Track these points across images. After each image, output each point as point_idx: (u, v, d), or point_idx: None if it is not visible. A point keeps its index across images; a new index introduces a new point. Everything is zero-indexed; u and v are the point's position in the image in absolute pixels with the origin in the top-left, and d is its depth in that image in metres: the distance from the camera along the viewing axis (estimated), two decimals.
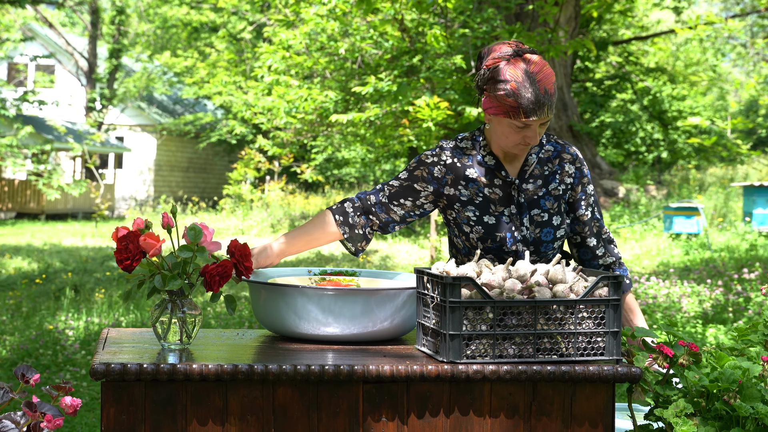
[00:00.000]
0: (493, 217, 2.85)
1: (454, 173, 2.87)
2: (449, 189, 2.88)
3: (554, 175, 2.90)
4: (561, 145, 2.94)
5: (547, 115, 2.73)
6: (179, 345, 2.47)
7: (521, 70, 2.71)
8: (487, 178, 2.87)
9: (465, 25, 16.51)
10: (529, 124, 2.73)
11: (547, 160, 2.90)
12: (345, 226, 2.89)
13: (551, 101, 2.73)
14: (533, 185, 2.87)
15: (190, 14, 31.45)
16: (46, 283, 10.94)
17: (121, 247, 2.40)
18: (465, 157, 2.89)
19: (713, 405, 2.64)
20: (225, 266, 2.44)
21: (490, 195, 2.86)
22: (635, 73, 26.92)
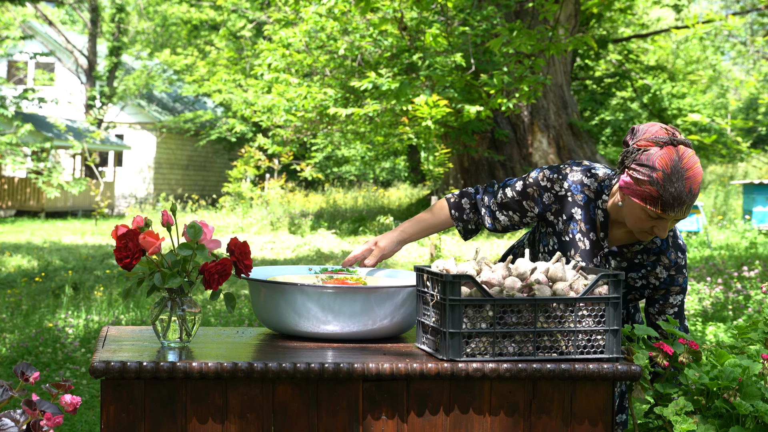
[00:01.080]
0: (565, 258, 2.79)
1: (561, 205, 2.82)
2: (550, 216, 2.84)
3: (642, 268, 2.82)
4: (668, 247, 2.82)
5: (684, 214, 2.62)
6: (179, 343, 2.47)
7: (672, 162, 2.59)
8: (587, 227, 2.80)
9: (465, 23, 16.50)
10: (664, 217, 2.63)
11: (647, 251, 2.81)
12: (459, 222, 2.97)
13: (693, 201, 2.62)
14: (617, 264, 2.81)
15: (190, 12, 31.45)
16: (45, 281, 10.94)
17: (121, 245, 2.40)
18: (580, 195, 2.80)
19: (713, 403, 2.64)
20: (224, 264, 2.44)
21: (578, 242, 2.81)
22: (635, 71, 26.92)
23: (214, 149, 32.96)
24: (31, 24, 31.44)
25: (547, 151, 19.97)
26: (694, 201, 2.63)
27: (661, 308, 2.85)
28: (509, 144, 19.91)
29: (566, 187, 2.80)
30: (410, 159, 29.11)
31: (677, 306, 2.84)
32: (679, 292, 2.84)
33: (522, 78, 12.85)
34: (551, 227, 2.85)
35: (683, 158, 2.59)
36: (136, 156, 31.18)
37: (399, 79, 15.37)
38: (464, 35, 15.77)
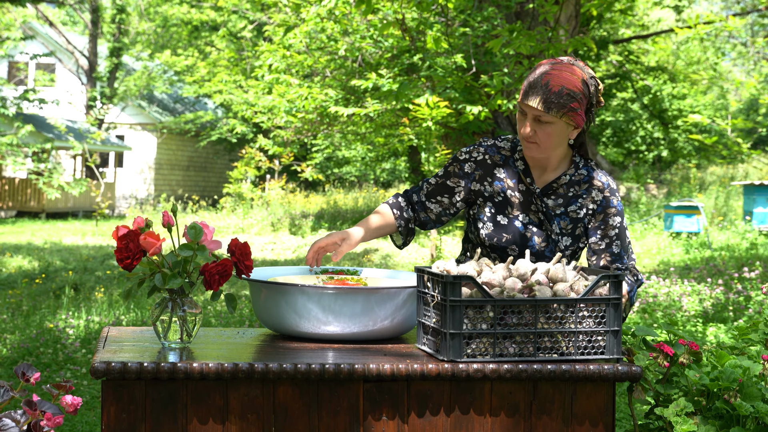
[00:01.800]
0: (507, 218, 2.89)
1: (483, 169, 2.95)
2: (476, 184, 2.95)
3: (578, 198, 2.91)
4: (597, 173, 2.95)
5: (538, 105, 2.76)
6: (179, 344, 2.47)
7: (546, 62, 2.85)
8: (513, 182, 2.92)
9: (465, 24, 16.51)
10: (525, 110, 2.81)
11: (576, 182, 2.92)
12: (401, 220, 2.99)
13: (549, 96, 2.75)
14: (554, 202, 2.91)
15: (190, 13, 31.44)
16: (46, 281, 10.94)
17: (122, 246, 2.40)
18: (498, 156, 2.96)
19: (714, 404, 2.64)
20: (225, 265, 2.44)
21: (510, 198, 2.91)
22: (635, 72, 26.92)
23: (214, 150, 32.96)
24: (31, 25, 31.44)
25: None
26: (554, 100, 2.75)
27: (604, 233, 2.89)
28: None
29: (482, 151, 2.96)
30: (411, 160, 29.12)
31: (617, 227, 2.90)
32: (616, 214, 2.91)
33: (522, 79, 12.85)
34: (481, 197, 2.94)
35: (558, 61, 2.83)
36: (136, 157, 31.18)
37: (400, 80, 15.37)
38: (465, 36, 15.77)
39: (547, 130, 2.80)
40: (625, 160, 26.58)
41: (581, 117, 2.84)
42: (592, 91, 2.88)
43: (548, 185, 2.91)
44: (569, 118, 2.80)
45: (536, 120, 2.80)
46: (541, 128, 2.80)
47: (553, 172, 2.93)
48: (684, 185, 21.18)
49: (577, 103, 2.80)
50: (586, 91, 2.84)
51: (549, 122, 2.78)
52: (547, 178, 2.93)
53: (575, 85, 2.80)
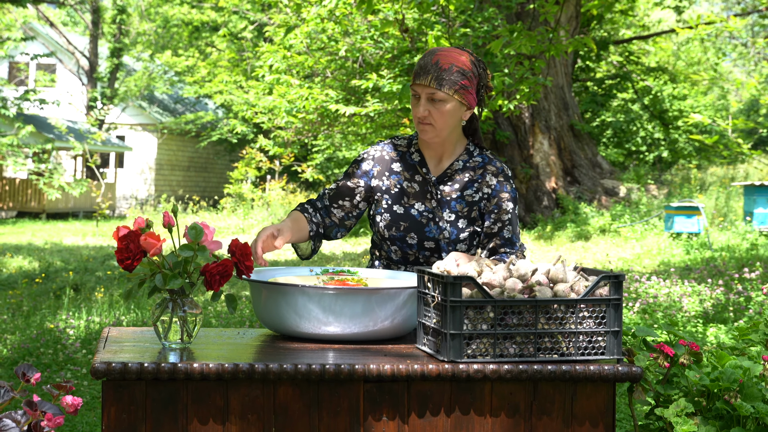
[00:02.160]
0: (403, 207, 2.99)
1: (381, 164, 3.04)
2: (375, 180, 3.04)
3: (473, 183, 3.01)
4: (490, 159, 3.05)
5: (430, 83, 2.87)
6: (180, 344, 2.47)
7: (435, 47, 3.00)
8: (409, 173, 3.03)
9: (466, 25, 16.51)
10: (417, 92, 2.91)
11: (471, 168, 3.02)
12: (312, 224, 3.00)
13: (439, 73, 2.87)
14: (450, 187, 3.01)
15: (191, 13, 31.45)
16: (46, 282, 10.94)
17: (122, 247, 2.40)
18: (395, 152, 3.06)
19: (714, 404, 2.64)
20: (225, 265, 2.43)
21: (407, 188, 3.00)
22: (636, 72, 26.91)
23: (215, 150, 32.96)
24: (32, 25, 31.45)
25: (548, 152, 19.96)
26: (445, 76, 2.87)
27: (497, 217, 2.99)
28: (510, 145, 19.91)
29: (380, 149, 3.07)
30: None
31: (510, 213, 3.01)
32: (509, 199, 3.01)
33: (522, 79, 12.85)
34: (379, 191, 3.03)
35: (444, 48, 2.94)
36: (137, 157, 31.18)
37: (400, 81, 15.38)
38: (465, 37, 15.77)
39: (441, 109, 2.90)
40: (625, 161, 26.57)
41: (473, 96, 2.95)
42: (481, 72, 2.99)
43: (443, 173, 3.01)
44: (461, 96, 2.91)
45: (430, 100, 2.89)
46: (435, 108, 2.90)
47: (448, 159, 3.03)
48: (684, 186, 21.17)
49: (467, 81, 2.91)
50: (475, 71, 2.96)
51: (442, 100, 2.89)
52: (443, 166, 3.03)
53: (465, 64, 2.91)
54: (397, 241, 3.00)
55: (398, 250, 3.01)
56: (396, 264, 3.06)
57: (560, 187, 19.81)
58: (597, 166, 21.04)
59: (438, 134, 2.94)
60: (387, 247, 3.04)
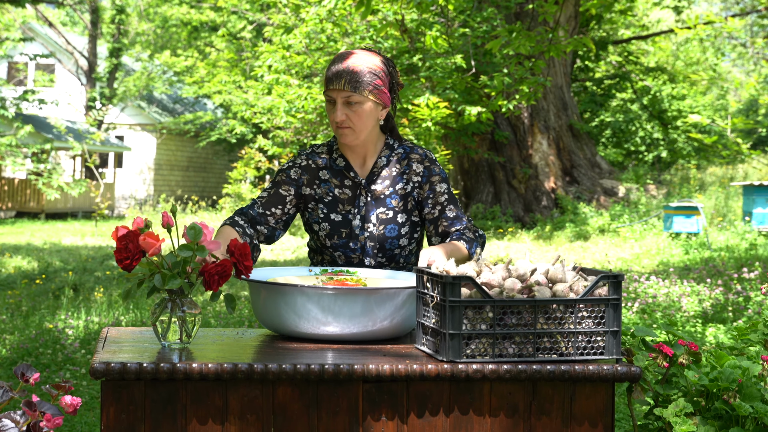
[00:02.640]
0: (340, 215, 3.01)
1: (309, 174, 3.06)
2: (305, 189, 3.06)
3: (401, 175, 3.06)
4: (411, 147, 3.10)
5: (344, 87, 2.91)
6: (179, 344, 2.47)
7: (343, 51, 3.01)
8: (338, 180, 3.05)
9: (465, 25, 16.51)
10: (333, 97, 2.95)
11: (396, 161, 3.08)
12: (246, 237, 2.98)
13: (351, 76, 2.91)
14: (381, 185, 3.05)
15: (190, 13, 31.44)
16: (45, 282, 10.94)
17: (121, 247, 2.39)
18: (319, 159, 3.08)
19: (713, 404, 2.64)
20: (224, 266, 2.43)
21: (339, 195, 3.03)
22: (635, 72, 26.91)
23: (214, 150, 32.96)
24: (31, 25, 31.44)
25: (548, 152, 19.96)
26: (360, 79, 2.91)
27: (434, 201, 3.04)
28: (509, 145, 19.91)
29: (304, 158, 3.09)
30: None
31: (446, 193, 3.06)
32: (441, 181, 3.06)
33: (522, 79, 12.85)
34: (313, 200, 3.05)
35: (353, 50, 2.99)
36: (136, 157, 31.18)
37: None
38: (464, 37, 15.77)
39: (359, 112, 2.94)
40: (624, 161, 26.58)
41: (387, 95, 2.99)
42: (392, 70, 3.03)
43: (371, 172, 3.05)
44: (376, 97, 2.95)
45: (346, 104, 2.93)
46: (352, 111, 2.94)
47: (372, 159, 3.07)
48: (683, 186, 21.18)
49: (380, 81, 2.96)
50: (386, 69, 3.00)
51: (359, 102, 2.92)
52: (368, 166, 3.07)
53: (376, 65, 2.96)
54: (340, 248, 3.03)
55: (342, 255, 3.04)
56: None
57: (559, 187, 19.81)
58: (596, 166, 21.04)
59: (357, 136, 2.98)
60: (330, 253, 3.06)
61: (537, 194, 19.66)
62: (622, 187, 20.31)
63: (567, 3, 18.53)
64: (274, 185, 3.06)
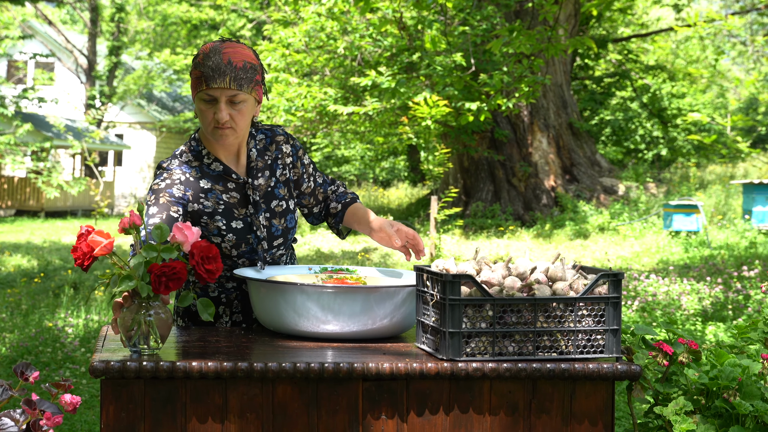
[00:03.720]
0: (240, 221, 2.86)
1: (191, 188, 2.83)
2: (192, 205, 2.82)
3: (276, 161, 2.95)
4: (270, 129, 2.98)
5: (230, 85, 2.71)
6: (147, 350, 2.35)
7: (211, 45, 2.75)
8: (221, 185, 2.86)
9: (464, 23, 16.51)
10: (214, 96, 2.73)
11: (264, 149, 2.94)
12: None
13: (236, 73, 2.71)
14: (263, 179, 2.91)
15: (189, 12, 31.44)
16: (45, 280, 10.94)
17: (77, 246, 2.32)
18: (193, 170, 2.86)
19: (713, 403, 2.64)
20: (173, 267, 2.26)
21: (229, 200, 2.86)
22: (635, 70, 26.90)
23: None
24: (30, 24, 31.44)
25: (547, 150, 19.96)
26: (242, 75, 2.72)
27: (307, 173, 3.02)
28: (509, 144, 19.91)
29: (179, 173, 2.84)
30: (410, 159, 29.11)
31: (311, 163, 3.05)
32: (304, 153, 3.03)
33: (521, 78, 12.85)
34: (205, 215, 2.82)
35: (224, 43, 2.75)
36: (135, 155, 31.17)
37: (398, 78, 15.38)
38: (464, 35, 15.77)
39: (242, 111, 2.76)
40: (624, 159, 26.58)
41: (261, 90, 2.85)
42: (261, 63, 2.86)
43: (248, 169, 2.90)
44: (257, 93, 2.80)
45: (229, 102, 2.74)
46: (236, 109, 2.76)
47: (243, 155, 2.91)
48: (683, 184, 21.18)
49: (259, 76, 2.80)
50: (259, 62, 2.83)
51: (242, 101, 2.75)
52: (243, 162, 2.91)
53: (252, 58, 2.79)
54: (246, 254, 2.87)
55: (246, 260, 2.89)
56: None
57: (559, 185, 19.81)
58: (596, 164, 21.04)
59: (238, 136, 2.82)
60: (232, 262, 2.88)
61: (537, 192, 19.67)
62: (621, 185, 20.31)
63: (567, 1, 18.53)
64: (161, 208, 2.76)
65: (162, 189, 2.80)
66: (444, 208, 14.01)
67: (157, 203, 2.77)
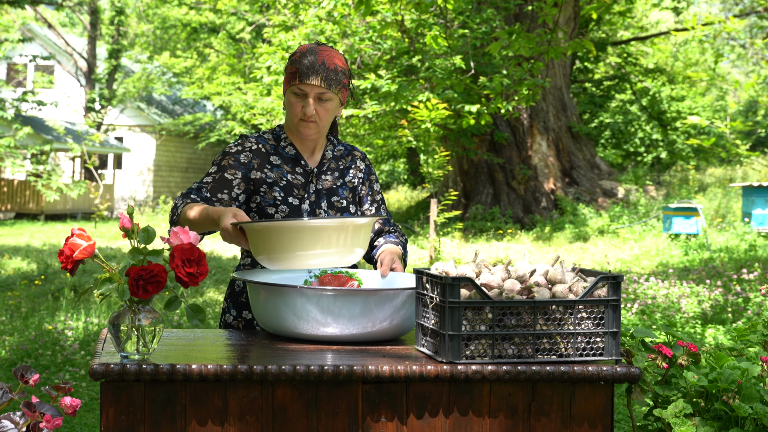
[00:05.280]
0: (297, 199, 3.03)
1: (260, 158, 3.05)
2: (256, 173, 3.03)
3: (348, 169, 3.17)
4: (351, 146, 3.23)
5: (321, 84, 2.96)
6: (137, 355, 2.32)
7: (308, 46, 3.02)
8: (289, 166, 3.08)
9: (464, 26, 16.51)
10: (305, 91, 2.97)
11: (340, 157, 3.18)
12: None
13: (328, 74, 2.96)
14: (331, 176, 3.12)
15: (189, 15, 31.44)
16: (45, 283, 10.94)
17: (62, 250, 2.31)
18: (268, 145, 3.10)
19: (712, 405, 2.64)
20: (151, 270, 2.21)
21: (293, 180, 3.05)
22: (634, 73, 26.91)
23: (213, 152, 32.95)
24: (30, 26, 31.44)
25: (547, 153, 19.96)
26: (334, 77, 2.97)
27: (372, 198, 3.19)
28: (508, 146, 19.91)
29: (254, 141, 3.08)
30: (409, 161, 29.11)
31: (380, 193, 3.24)
32: (376, 180, 3.24)
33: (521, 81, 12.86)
34: (265, 184, 3.03)
35: (320, 45, 3.01)
36: (135, 158, 31.17)
37: (399, 81, 15.37)
38: (464, 38, 15.78)
39: (327, 108, 3.00)
40: (623, 162, 26.59)
41: (346, 94, 3.07)
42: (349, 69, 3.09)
43: (320, 163, 3.12)
44: (341, 95, 3.03)
45: (317, 99, 2.98)
46: (322, 106, 2.99)
47: (319, 152, 3.14)
48: (683, 187, 21.18)
49: (347, 80, 3.05)
50: (348, 67, 3.06)
51: (329, 99, 2.99)
52: (317, 158, 3.13)
53: (343, 63, 3.03)
54: None
55: None
56: None
57: (558, 188, 19.81)
58: (595, 167, 21.04)
59: (319, 131, 3.04)
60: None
61: (536, 195, 19.67)
62: (621, 188, 20.31)
63: (566, 4, 18.53)
64: (220, 169, 3.00)
65: (230, 153, 3.03)
66: (443, 211, 14.01)
67: (219, 164, 3.02)
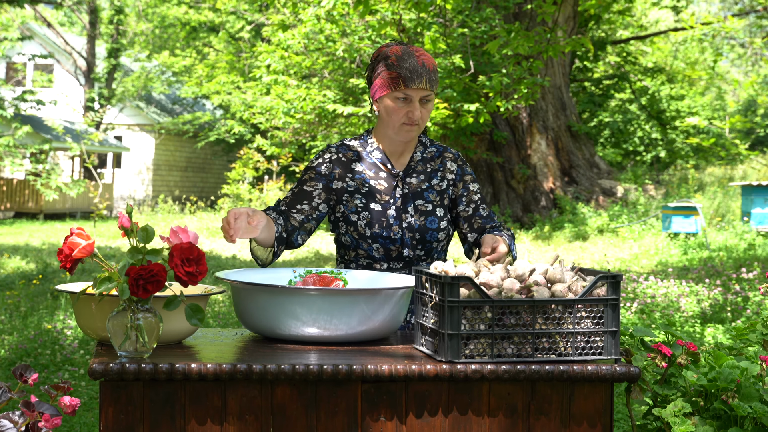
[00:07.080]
0: (379, 204, 3.00)
1: (340, 167, 3.04)
2: (336, 183, 3.03)
3: (436, 172, 3.09)
4: (443, 147, 3.16)
5: (426, 86, 2.92)
6: (135, 354, 2.32)
7: (401, 48, 2.95)
8: (373, 172, 3.05)
9: (463, 25, 16.51)
10: (409, 96, 2.92)
11: (430, 159, 3.11)
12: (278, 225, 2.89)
13: (430, 75, 2.93)
14: (417, 179, 3.07)
15: (188, 14, 31.43)
16: (44, 282, 10.93)
17: (61, 249, 2.30)
18: (350, 152, 3.07)
19: (711, 404, 2.64)
20: (151, 269, 2.20)
21: (375, 186, 3.02)
22: (633, 72, 26.91)
23: (212, 151, 32.95)
24: (29, 25, 31.43)
25: (546, 152, 19.96)
26: (434, 77, 2.94)
27: (468, 200, 3.10)
28: (508, 146, 19.91)
29: (334, 151, 3.06)
30: None
31: (478, 192, 3.13)
32: (473, 180, 3.14)
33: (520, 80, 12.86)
34: (346, 193, 3.02)
35: (410, 47, 2.96)
36: (134, 158, 31.16)
37: None
38: (463, 37, 15.77)
39: (429, 108, 2.98)
40: (623, 161, 26.60)
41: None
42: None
43: (408, 166, 3.07)
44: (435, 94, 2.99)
45: (421, 101, 2.94)
46: (425, 108, 2.96)
47: (408, 154, 3.09)
48: (682, 186, 21.19)
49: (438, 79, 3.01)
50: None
51: (430, 100, 2.96)
52: (404, 160, 3.09)
53: (434, 62, 2.99)
54: (380, 239, 2.99)
55: (380, 247, 2.99)
56: (379, 261, 3.02)
57: (558, 187, 19.82)
58: (594, 166, 21.04)
59: (419, 131, 3.01)
60: (368, 245, 3.01)
61: (536, 194, 19.67)
62: (620, 187, 20.31)
63: (565, 3, 18.53)
64: (300, 183, 3.02)
65: (312, 167, 3.05)
66: None
67: (300, 179, 3.04)
